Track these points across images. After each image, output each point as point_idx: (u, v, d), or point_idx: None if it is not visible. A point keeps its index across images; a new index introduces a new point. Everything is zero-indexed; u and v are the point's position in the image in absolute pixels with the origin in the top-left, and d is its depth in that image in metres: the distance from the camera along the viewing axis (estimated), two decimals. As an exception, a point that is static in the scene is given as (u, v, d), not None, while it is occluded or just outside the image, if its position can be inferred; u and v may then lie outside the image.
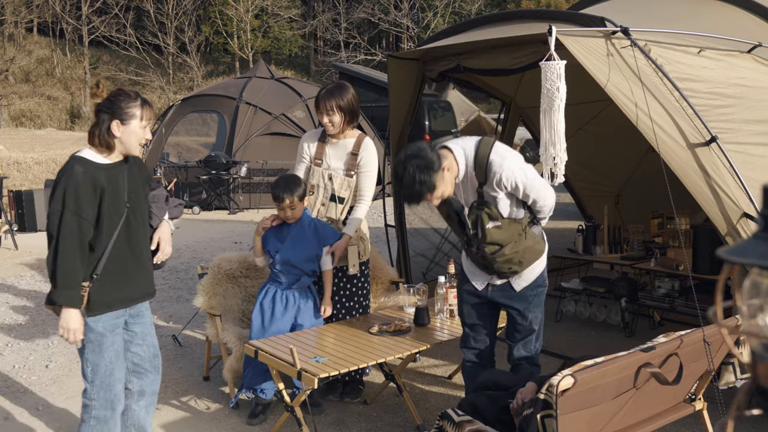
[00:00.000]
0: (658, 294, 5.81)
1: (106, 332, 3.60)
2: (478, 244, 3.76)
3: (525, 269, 3.83)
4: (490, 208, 3.66)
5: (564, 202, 11.87)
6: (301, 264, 4.56)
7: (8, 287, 8.52)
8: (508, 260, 3.77)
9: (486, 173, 3.61)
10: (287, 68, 40.91)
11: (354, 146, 4.74)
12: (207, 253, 10.22)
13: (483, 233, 3.72)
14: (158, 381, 3.95)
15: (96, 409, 3.65)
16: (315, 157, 4.79)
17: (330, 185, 4.73)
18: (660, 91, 4.30)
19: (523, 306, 3.89)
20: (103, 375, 3.62)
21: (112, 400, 3.67)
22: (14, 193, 12.82)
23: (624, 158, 7.95)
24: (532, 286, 3.88)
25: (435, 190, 3.57)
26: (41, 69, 39.91)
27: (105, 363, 3.61)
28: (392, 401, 4.88)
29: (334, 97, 4.59)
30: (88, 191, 3.45)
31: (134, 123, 3.52)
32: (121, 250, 3.60)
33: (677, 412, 3.61)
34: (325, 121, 4.63)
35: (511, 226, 3.72)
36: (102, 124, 3.51)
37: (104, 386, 3.63)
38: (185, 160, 15.35)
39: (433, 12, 35.28)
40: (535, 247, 3.82)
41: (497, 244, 3.72)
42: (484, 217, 3.69)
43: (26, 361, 5.93)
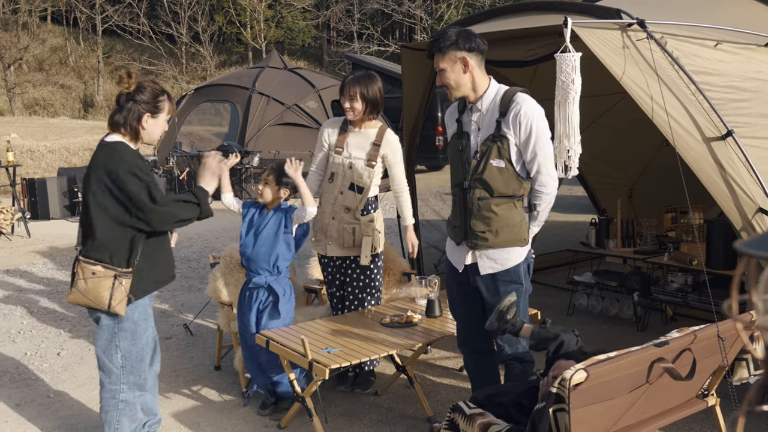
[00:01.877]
0: (671, 288, 5.78)
1: (140, 320, 3.69)
2: (471, 182, 3.65)
3: (496, 246, 3.67)
4: (503, 143, 3.59)
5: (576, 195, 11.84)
6: (259, 260, 4.53)
7: (21, 275, 8.56)
8: (486, 219, 3.63)
9: (508, 104, 3.60)
10: (300, 59, 40.87)
11: (376, 137, 4.75)
12: (219, 243, 10.24)
13: (484, 166, 3.62)
14: (159, 362, 4.01)
15: (124, 392, 3.76)
16: (336, 146, 4.80)
17: (350, 174, 4.72)
18: (676, 84, 4.27)
19: (494, 300, 3.73)
20: (134, 360, 3.74)
21: (141, 384, 3.80)
22: (27, 181, 12.88)
23: (638, 152, 7.90)
24: (504, 280, 3.72)
25: (442, 55, 3.63)
26: (55, 58, 39.99)
27: (137, 350, 3.73)
28: (403, 393, 4.87)
29: (359, 84, 4.63)
30: (144, 164, 3.63)
31: (162, 116, 3.71)
32: (158, 235, 3.71)
33: (690, 407, 3.58)
34: (347, 106, 4.66)
35: (510, 179, 3.62)
36: (131, 114, 3.63)
37: (134, 371, 3.75)
38: (198, 150, 15.36)
39: (446, 3, 35.12)
40: (517, 230, 3.68)
41: (488, 190, 3.62)
42: (493, 151, 3.61)
43: (38, 348, 5.95)
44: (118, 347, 3.69)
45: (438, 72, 3.70)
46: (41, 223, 12.31)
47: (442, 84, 3.72)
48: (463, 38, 3.61)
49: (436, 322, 4.53)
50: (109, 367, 3.73)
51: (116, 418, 3.77)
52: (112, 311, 3.58)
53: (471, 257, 3.78)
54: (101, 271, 3.55)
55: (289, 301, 4.58)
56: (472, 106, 3.73)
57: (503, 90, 3.69)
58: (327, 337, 4.26)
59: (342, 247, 4.77)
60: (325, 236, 4.81)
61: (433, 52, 3.67)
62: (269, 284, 4.50)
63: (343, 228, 4.73)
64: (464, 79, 3.66)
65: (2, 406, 4.80)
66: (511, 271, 3.73)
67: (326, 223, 4.79)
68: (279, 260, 4.48)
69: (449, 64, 3.64)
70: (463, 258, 3.80)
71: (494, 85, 3.71)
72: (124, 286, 3.57)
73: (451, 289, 3.99)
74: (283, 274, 4.55)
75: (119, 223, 3.55)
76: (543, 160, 3.62)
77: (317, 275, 5.66)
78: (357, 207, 4.73)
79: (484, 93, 3.68)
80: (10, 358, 5.73)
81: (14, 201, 11.56)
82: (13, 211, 10.88)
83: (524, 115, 3.56)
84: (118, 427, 3.79)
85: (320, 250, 4.89)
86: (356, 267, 4.83)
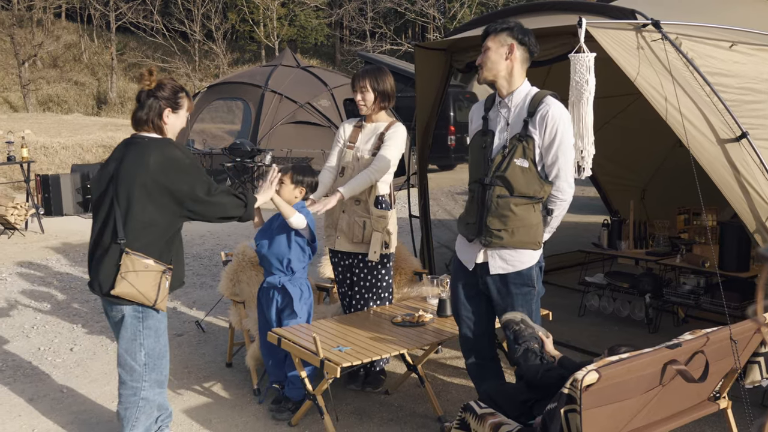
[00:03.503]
0: (683, 290, 5.76)
1: (163, 318, 3.73)
2: (493, 179, 3.63)
3: (510, 247, 3.66)
4: (528, 143, 3.60)
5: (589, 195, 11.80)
6: (272, 258, 4.54)
7: (34, 270, 8.61)
8: (503, 217, 3.62)
9: (537, 105, 3.61)
10: (313, 57, 40.91)
11: (384, 129, 4.79)
12: (231, 240, 10.27)
13: (508, 164, 3.61)
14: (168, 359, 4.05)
15: (145, 390, 3.78)
16: (349, 140, 4.86)
17: (358, 166, 4.75)
18: (690, 85, 4.26)
19: (505, 302, 3.73)
20: (156, 358, 3.76)
21: (161, 381, 3.84)
22: (41, 177, 12.95)
23: (650, 153, 7.88)
24: (515, 282, 3.71)
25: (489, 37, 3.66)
26: (69, 54, 40.17)
27: (160, 347, 3.77)
28: (414, 392, 4.88)
29: (369, 76, 4.71)
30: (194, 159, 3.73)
31: (182, 112, 3.78)
32: (179, 232, 3.77)
33: (701, 410, 3.57)
34: (358, 98, 4.73)
35: (532, 180, 3.61)
36: (152, 110, 3.68)
37: (156, 368, 3.78)
38: (210, 147, 15.40)
39: (459, 2, 35.08)
40: (533, 232, 3.67)
41: (509, 189, 3.61)
42: (518, 150, 3.61)
43: (51, 343, 5.99)
44: (142, 345, 3.71)
45: (483, 51, 3.70)
46: (54, 219, 12.38)
47: (479, 64, 3.71)
48: (519, 28, 3.66)
49: (447, 321, 4.53)
50: (132, 365, 3.72)
51: (135, 415, 3.78)
52: (157, 307, 3.61)
53: (482, 255, 3.76)
54: (153, 266, 3.56)
55: (305, 301, 4.58)
56: (501, 101, 3.73)
57: (534, 91, 3.70)
58: (338, 335, 4.27)
59: (351, 241, 4.77)
60: (335, 230, 4.83)
61: (488, 32, 3.70)
62: (283, 284, 4.51)
63: (354, 221, 4.74)
64: (502, 65, 3.67)
65: (16, 401, 4.83)
66: (523, 274, 3.71)
67: (337, 217, 4.81)
68: (293, 261, 4.49)
69: (495, 45, 3.65)
70: (474, 256, 3.79)
71: (527, 86, 3.72)
72: (168, 282, 3.64)
73: (457, 291, 3.94)
74: (298, 274, 4.55)
75: (167, 218, 3.59)
76: (563, 165, 3.62)
77: (329, 274, 5.67)
78: (367, 199, 4.74)
79: (515, 90, 3.69)
80: (24, 352, 5.77)
81: (28, 197, 11.62)
82: (27, 207, 10.94)
83: (551, 118, 3.57)
84: (135, 424, 3.82)
85: (329, 245, 4.91)
86: (364, 266, 4.84)
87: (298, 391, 4.48)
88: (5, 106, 32.39)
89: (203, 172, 3.66)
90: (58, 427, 4.46)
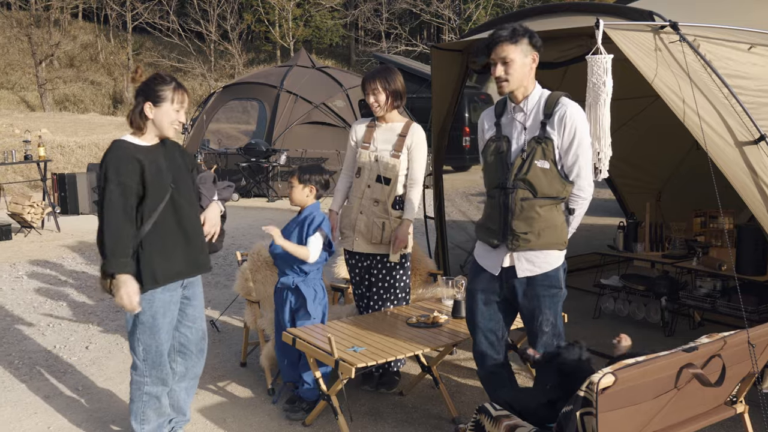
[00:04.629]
0: (700, 294, 5.73)
1: (158, 314, 3.72)
2: (515, 182, 3.61)
3: (537, 248, 3.64)
4: (548, 144, 3.58)
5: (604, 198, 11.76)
6: (287, 259, 4.53)
7: (50, 269, 8.66)
8: (529, 219, 3.59)
9: (553, 106, 3.59)
10: (328, 58, 40.97)
11: (402, 129, 4.79)
12: (245, 240, 10.29)
13: (528, 167, 3.58)
14: (201, 364, 4.11)
15: (148, 386, 3.84)
16: (363, 141, 4.85)
17: (376, 166, 4.74)
18: (708, 87, 4.23)
19: (532, 305, 3.70)
20: (154, 355, 3.79)
21: (163, 378, 3.86)
22: (57, 176, 13.04)
23: (667, 155, 7.85)
24: (544, 284, 3.68)
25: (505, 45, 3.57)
26: (85, 54, 40.40)
27: (156, 344, 3.78)
28: (428, 393, 4.87)
29: (378, 77, 4.71)
30: (127, 162, 3.60)
31: (166, 105, 3.68)
32: (167, 227, 3.71)
33: (718, 414, 3.55)
34: (371, 101, 4.73)
35: (554, 180, 3.59)
36: (136, 106, 3.70)
37: (156, 365, 3.81)
38: (225, 147, 15.46)
39: (475, 4, 35.05)
40: (558, 233, 3.65)
41: (532, 191, 3.59)
42: (538, 152, 3.58)
43: (67, 341, 6.02)
44: (139, 340, 3.78)
45: (499, 63, 3.60)
46: (70, 218, 12.46)
47: (498, 77, 3.63)
48: (534, 35, 3.61)
49: (462, 323, 4.52)
50: (134, 360, 3.84)
51: (141, 409, 3.87)
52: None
53: (509, 260, 3.72)
54: None
55: (320, 302, 4.58)
56: (515, 107, 3.71)
57: (546, 93, 3.68)
58: (353, 336, 4.28)
59: (369, 242, 4.77)
60: (353, 231, 4.81)
61: (501, 40, 3.57)
62: (296, 285, 4.52)
63: (373, 222, 4.74)
64: (527, 75, 3.63)
65: (32, 398, 4.86)
66: (551, 275, 3.69)
67: (354, 218, 4.80)
68: (305, 263, 4.49)
69: (520, 56, 3.58)
70: (500, 261, 3.74)
71: (538, 88, 3.70)
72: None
73: (474, 296, 3.88)
74: (312, 275, 4.55)
75: None
76: (584, 165, 3.61)
77: (344, 274, 5.67)
78: (386, 200, 4.74)
79: (530, 94, 3.68)
80: (40, 350, 5.80)
81: (44, 196, 11.70)
82: (43, 206, 11.01)
83: (569, 117, 3.55)
84: (144, 419, 3.87)
85: (347, 246, 4.88)
86: (382, 267, 4.84)
87: (312, 392, 4.49)
88: (22, 106, 32.61)
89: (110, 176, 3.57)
90: (73, 424, 4.48)
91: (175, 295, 3.81)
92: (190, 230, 3.81)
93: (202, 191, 3.99)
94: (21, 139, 15.38)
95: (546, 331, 3.73)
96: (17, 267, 8.72)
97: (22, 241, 10.46)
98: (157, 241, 3.68)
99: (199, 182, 4.00)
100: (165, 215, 3.69)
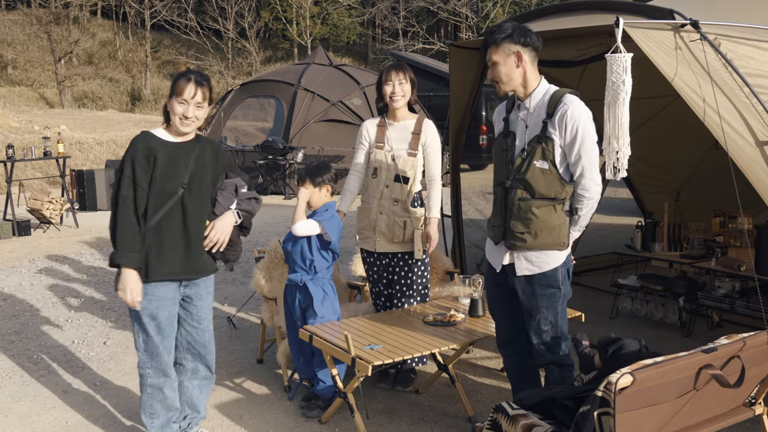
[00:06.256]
0: (718, 294, 5.69)
1: (155, 310, 3.73)
2: (514, 182, 3.61)
3: (534, 248, 3.63)
4: (548, 144, 3.55)
5: (621, 197, 11.72)
6: (296, 256, 4.54)
7: (69, 264, 8.72)
8: (525, 220, 3.59)
9: (556, 105, 3.55)
10: (345, 55, 41.01)
11: (415, 126, 4.78)
12: (262, 237, 10.32)
13: (528, 166, 3.58)
14: (212, 363, 4.09)
15: (151, 377, 3.88)
16: (376, 141, 4.83)
17: (393, 166, 4.74)
18: (729, 86, 4.20)
19: (530, 303, 3.71)
20: (152, 347, 3.83)
21: (163, 369, 3.88)
22: (76, 173, 13.13)
23: (686, 154, 7.79)
24: (541, 283, 3.68)
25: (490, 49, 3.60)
26: (104, 51, 40.65)
27: (151, 336, 3.81)
28: (444, 391, 4.87)
29: (402, 67, 4.74)
30: (143, 160, 3.64)
31: (174, 98, 3.72)
32: (171, 227, 3.72)
33: (736, 415, 3.52)
34: (395, 90, 4.69)
35: (553, 182, 3.57)
36: None
37: (154, 356, 3.85)
38: (243, 145, 15.50)
39: (492, 1, 34.96)
40: (556, 233, 3.63)
41: (530, 191, 3.58)
42: (538, 151, 3.57)
43: (85, 336, 6.06)
44: (138, 333, 3.84)
45: (490, 66, 3.65)
46: (89, 214, 12.54)
47: (493, 79, 3.67)
48: (518, 32, 3.58)
49: (478, 321, 4.51)
50: (137, 353, 3.88)
51: (148, 402, 3.91)
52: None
53: (509, 257, 3.75)
54: None
55: (329, 304, 4.57)
56: (520, 104, 3.70)
57: (552, 90, 3.64)
58: (370, 333, 4.28)
59: (391, 242, 4.77)
60: (374, 232, 4.80)
61: (488, 44, 3.62)
62: (304, 283, 4.52)
63: (394, 222, 4.73)
64: (516, 73, 3.62)
65: (50, 393, 4.90)
66: (549, 275, 3.68)
67: (374, 219, 4.79)
68: (315, 261, 4.50)
69: (502, 57, 3.60)
70: (501, 258, 3.78)
71: (544, 85, 3.66)
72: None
73: (491, 290, 3.96)
74: (321, 274, 4.56)
75: None
76: (587, 164, 3.56)
77: (360, 272, 5.67)
78: (406, 198, 4.74)
79: (533, 91, 3.65)
80: (58, 345, 5.84)
81: (63, 192, 11.78)
82: (62, 202, 11.09)
83: (570, 116, 3.51)
84: (152, 412, 3.90)
85: (368, 247, 4.87)
86: (404, 264, 4.83)
87: (328, 389, 4.49)
88: (42, 102, 32.85)
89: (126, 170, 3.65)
90: (91, 419, 4.51)
91: (170, 291, 3.80)
92: (194, 234, 3.80)
93: (218, 198, 3.93)
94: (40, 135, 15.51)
95: (545, 330, 3.74)
96: (36, 262, 8.79)
97: (41, 237, 10.54)
98: (157, 240, 3.70)
99: (219, 188, 3.93)
100: (171, 215, 3.70)
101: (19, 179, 12.65)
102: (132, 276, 3.65)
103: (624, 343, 3.40)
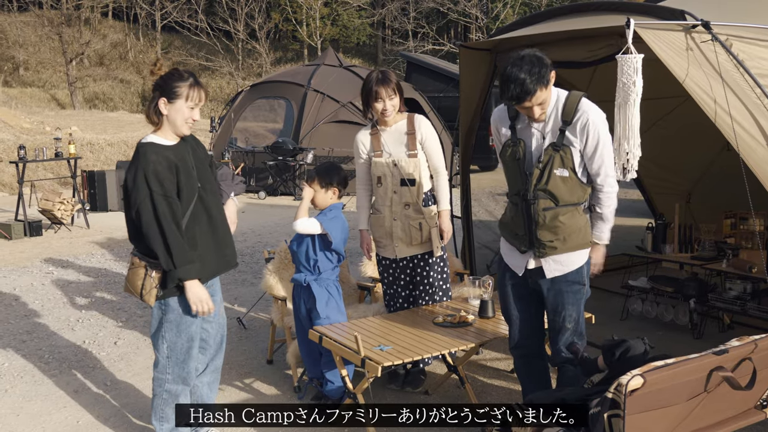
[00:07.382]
0: (729, 296, 5.67)
1: (186, 312, 3.72)
2: (535, 193, 3.58)
3: (564, 252, 3.64)
4: (566, 152, 3.53)
5: (632, 198, 11.67)
6: (301, 256, 4.55)
7: (80, 265, 8.75)
8: (553, 228, 3.58)
9: (574, 112, 3.51)
10: (355, 56, 41.03)
11: (408, 126, 4.72)
12: (272, 238, 10.33)
13: (548, 177, 3.54)
14: (221, 357, 4.11)
15: (169, 383, 3.85)
16: (373, 150, 4.77)
17: (397, 171, 4.71)
18: (740, 87, 4.18)
19: (556, 301, 3.72)
20: (179, 353, 3.80)
21: (185, 377, 3.86)
22: (87, 174, 13.18)
23: (697, 156, 7.75)
24: (567, 280, 3.69)
25: (540, 91, 3.41)
26: (115, 53, 40.81)
27: (182, 342, 3.79)
28: (454, 393, 4.86)
29: (388, 81, 4.61)
30: (165, 171, 3.58)
31: (180, 102, 3.64)
32: (199, 227, 3.73)
33: (747, 418, 3.50)
34: (387, 106, 4.60)
35: (575, 188, 3.57)
36: (151, 103, 3.68)
37: (179, 363, 3.82)
38: (253, 146, 15.54)
39: (502, 2, 34.92)
40: (583, 233, 3.64)
41: (554, 200, 3.56)
42: (557, 160, 3.53)
43: (96, 337, 6.08)
44: (164, 338, 3.79)
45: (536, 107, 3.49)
46: (100, 215, 12.59)
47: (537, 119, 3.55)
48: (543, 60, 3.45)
49: (488, 323, 4.50)
50: (157, 357, 3.85)
51: (161, 407, 3.88)
52: (144, 300, 3.68)
53: (534, 262, 3.72)
54: (137, 262, 3.68)
55: (333, 305, 4.56)
56: None
57: (564, 95, 3.60)
58: (379, 334, 4.27)
59: (410, 245, 4.74)
60: (391, 239, 4.76)
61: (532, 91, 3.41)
62: (309, 283, 4.53)
63: (410, 225, 4.71)
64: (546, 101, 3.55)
65: (61, 392, 4.92)
66: (575, 272, 3.69)
67: (388, 226, 4.75)
68: (320, 261, 4.51)
69: (548, 93, 3.50)
70: (525, 263, 3.75)
71: (553, 90, 3.60)
72: (153, 277, 3.64)
73: (505, 290, 3.92)
74: (325, 275, 4.56)
75: None
76: (607, 162, 3.58)
77: (370, 273, 5.67)
78: (416, 200, 4.71)
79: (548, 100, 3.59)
80: (69, 345, 5.87)
81: (74, 192, 11.83)
82: (73, 203, 11.14)
83: (593, 124, 3.49)
84: (163, 417, 3.89)
85: (388, 254, 4.82)
86: (425, 265, 4.81)
87: (337, 390, 4.49)
88: (53, 103, 33.02)
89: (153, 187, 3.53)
90: (101, 419, 4.53)
91: None
92: (219, 227, 3.83)
93: (222, 188, 4.00)
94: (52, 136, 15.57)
95: (568, 327, 3.75)
96: (47, 263, 8.83)
97: (52, 238, 10.59)
98: (191, 243, 3.68)
99: (220, 179, 4.00)
100: (196, 215, 3.70)
101: (31, 180, 12.72)
102: (199, 286, 3.66)
103: (630, 344, 3.39)
